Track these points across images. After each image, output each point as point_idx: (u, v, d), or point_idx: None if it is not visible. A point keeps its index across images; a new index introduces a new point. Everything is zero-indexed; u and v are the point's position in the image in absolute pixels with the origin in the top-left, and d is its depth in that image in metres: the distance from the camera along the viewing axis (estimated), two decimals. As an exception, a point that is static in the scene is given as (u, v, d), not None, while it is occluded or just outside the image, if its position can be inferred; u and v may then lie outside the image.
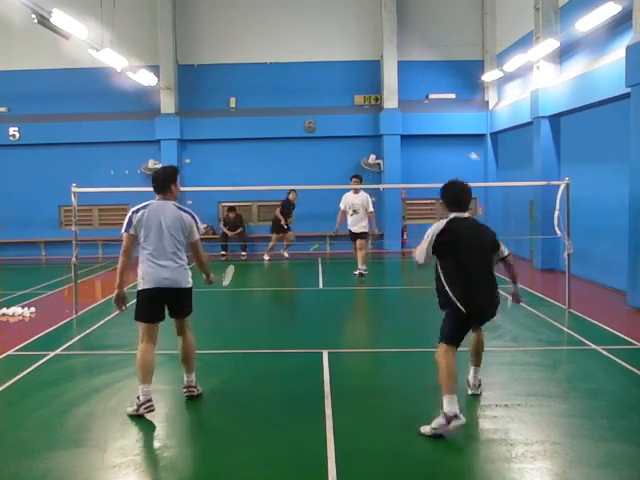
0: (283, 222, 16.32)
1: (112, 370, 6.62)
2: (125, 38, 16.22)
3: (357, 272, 12.75)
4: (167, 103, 17.94)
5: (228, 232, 17.25)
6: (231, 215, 17.29)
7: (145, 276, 5.34)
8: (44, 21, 9.99)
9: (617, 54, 10.33)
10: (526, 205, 15.27)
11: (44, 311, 9.88)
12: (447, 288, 4.91)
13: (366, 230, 12.98)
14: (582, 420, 5.10)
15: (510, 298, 5.59)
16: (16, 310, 9.63)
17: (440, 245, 4.93)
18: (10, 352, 7.38)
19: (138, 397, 5.26)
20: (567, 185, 9.39)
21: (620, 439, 4.70)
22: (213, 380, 6.55)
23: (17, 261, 17.18)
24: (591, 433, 4.84)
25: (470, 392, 5.62)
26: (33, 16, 9.80)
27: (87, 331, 8.41)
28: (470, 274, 4.90)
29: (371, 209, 12.96)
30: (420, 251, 5.02)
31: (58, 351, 7.43)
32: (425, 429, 4.74)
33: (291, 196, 16.42)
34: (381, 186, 16.96)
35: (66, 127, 17.77)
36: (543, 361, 6.82)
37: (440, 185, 5.26)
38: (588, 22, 10.55)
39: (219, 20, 18.15)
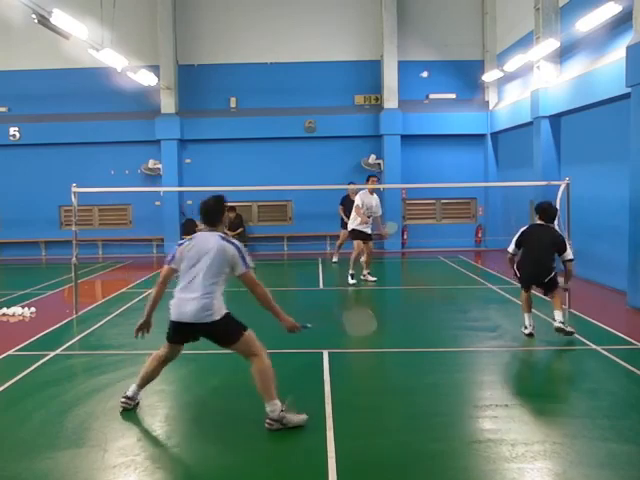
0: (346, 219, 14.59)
1: (112, 370, 6.62)
2: (125, 38, 16.25)
3: (369, 278, 12.41)
4: (167, 103, 17.95)
5: (228, 232, 17.24)
6: (231, 215, 17.28)
7: (171, 307, 5.11)
8: (44, 21, 10.00)
9: (617, 54, 10.33)
10: (526, 205, 15.27)
11: (44, 311, 9.88)
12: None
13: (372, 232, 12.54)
14: (582, 420, 5.10)
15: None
16: (16, 310, 9.63)
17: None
18: (10, 352, 7.38)
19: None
20: (567, 185, 9.38)
21: (620, 439, 4.69)
22: (213, 380, 6.56)
23: (17, 261, 17.18)
24: (591, 433, 4.84)
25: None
26: (33, 16, 9.81)
27: (87, 331, 8.40)
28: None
29: (380, 212, 12.57)
30: None
31: (58, 351, 7.43)
32: None
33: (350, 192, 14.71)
34: (381, 186, 16.94)
35: (66, 127, 17.78)
36: (543, 361, 6.82)
37: (440, 185, 5.35)
38: (588, 22, 10.55)
39: (219, 20, 18.15)
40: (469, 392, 5.97)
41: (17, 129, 17.98)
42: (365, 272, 12.52)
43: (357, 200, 12.31)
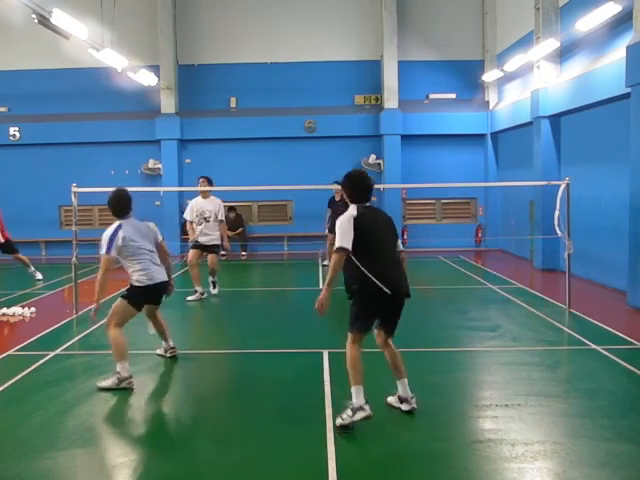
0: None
1: (112, 370, 6.61)
2: (125, 38, 16.25)
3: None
4: (167, 103, 17.94)
5: (228, 232, 17.23)
6: (231, 215, 17.28)
7: (146, 276, 6.34)
8: (44, 21, 9.99)
9: (617, 54, 10.33)
10: (526, 205, 15.28)
11: (44, 311, 9.88)
12: None
13: None
14: (582, 420, 5.09)
15: None
16: (16, 310, 9.62)
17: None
18: (10, 352, 7.38)
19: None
20: (567, 185, 9.38)
21: (620, 439, 4.69)
22: (213, 380, 6.57)
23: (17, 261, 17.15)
24: (591, 433, 4.84)
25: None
26: (33, 16, 9.80)
27: (87, 331, 8.40)
28: None
29: None
30: None
31: (58, 351, 7.43)
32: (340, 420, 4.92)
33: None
34: (381, 186, 16.95)
35: (66, 127, 17.78)
36: (543, 361, 6.82)
37: (440, 185, 5.42)
38: (588, 22, 10.55)
39: (219, 20, 18.15)
40: (469, 392, 5.97)
41: (17, 129, 17.98)
42: None
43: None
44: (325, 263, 14.93)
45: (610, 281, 11.22)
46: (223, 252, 16.22)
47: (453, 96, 18.18)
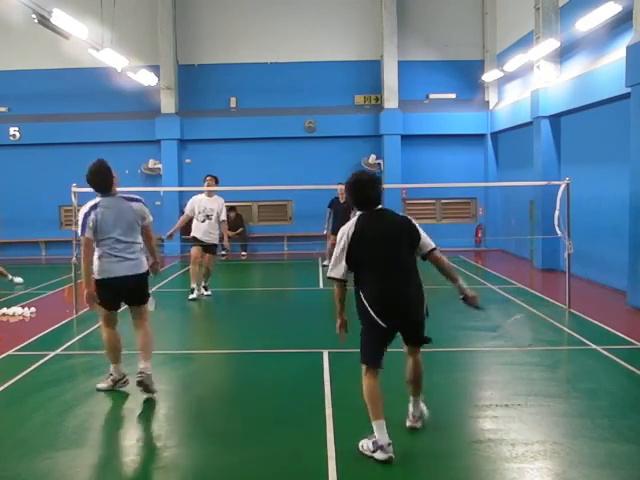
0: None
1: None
2: (125, 38, 16.24)
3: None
4: (167, 103, 17.94)
5: (228, 232, 17.21)
6: (231, 215, 17.26)
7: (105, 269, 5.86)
8: (44, 21, 10.00)
9: (617, 54, 10.33)
10: (526, 205, 15.28)
11: (44, 311, 9.88)
12: None
13: None
14: (582, 420, 5.09)
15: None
16: (16, 310, 9.62)
17: None
18: (10, 352, 7.38)
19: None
20: (567, 185, 9.38)
21: (620, 439, 4.69)
22: (213, 380, 6.56)
23: (17, 261, 17.16)
24: (591, 433, 4.83)
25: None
26: (33, 16, 9.80)
27: (87, 331, 8.40)
28: None
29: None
30: None
31: (58, 351, 7.43)
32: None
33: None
34: (381, 186, 16.95)
35: (66, 127, 17.77)
36: (543, 361, 6.82)
37: (440, 185, 5.31)
38: (588, 22, 10.55)
39: (219, 20, 18.15)
40: (469, 392, 5.97)
41: (17, 129, 17.98)
42: None
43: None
44: (325, 263, 14.92)
45: (610, 281, 11.23)
46: (223, 252, 16.29)
47: (453, 96, 18.18)
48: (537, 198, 13.90)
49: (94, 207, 5.66)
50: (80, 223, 5.59)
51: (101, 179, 5.76)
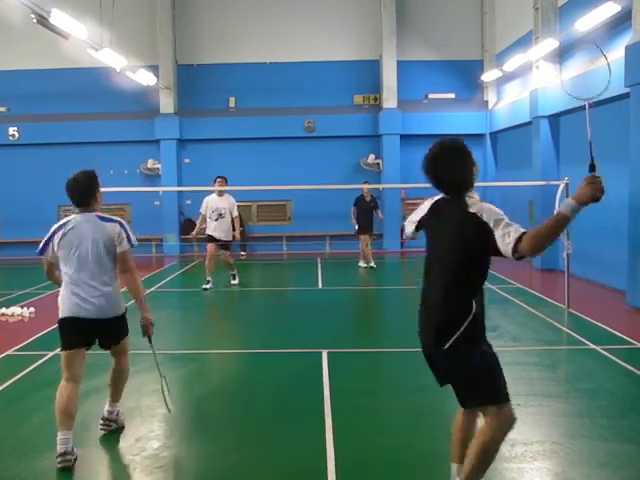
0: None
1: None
2: (124, 38, 16.23)
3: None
4: (166, 103, 17.95)
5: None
6: (231, 215, 17.28)
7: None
8: (43, 21, 10.00)
9: (616, 54, 10.33)
10: (525, 205, 15.27)
11: (43, 311, 9.88)
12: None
13: None
14: (582, 420, 5.10)
15: None
16: (16, 310, 9.63)
17: None
18: (10, 352, 7.38)
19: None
20: (566, 185, 9.39)
21: (620, 439, 4.70)
22: (213, 380, 6.56)
23: (17, 261, 17.16)
24: (591, 433, 4.84)
25: None
26: (32, 16, 9.80)
27: (87, 331, 8.38)
28: None
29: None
30: None
31: (57, 351, 7.40)
32: None
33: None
34: (380, 186, 16.96)
35: (66, 127, 17.78)
36: (543, 361, 6.82)
37: None
38: (587, 22, 10.55)
39: (218, 20, 18.15)
40: (469, 392, 5.97)
41: (16, 129, 17.98)
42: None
43: None
44: (361, 264, 14.71)
45: (609, 281, 11.23)
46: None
47: (452, 96, 18.19)
48: (536, 198, 13.91)
49: (60, 228, 4.84)
50: (43, 241, 4.83)
51: (75, 194, 4.82)
